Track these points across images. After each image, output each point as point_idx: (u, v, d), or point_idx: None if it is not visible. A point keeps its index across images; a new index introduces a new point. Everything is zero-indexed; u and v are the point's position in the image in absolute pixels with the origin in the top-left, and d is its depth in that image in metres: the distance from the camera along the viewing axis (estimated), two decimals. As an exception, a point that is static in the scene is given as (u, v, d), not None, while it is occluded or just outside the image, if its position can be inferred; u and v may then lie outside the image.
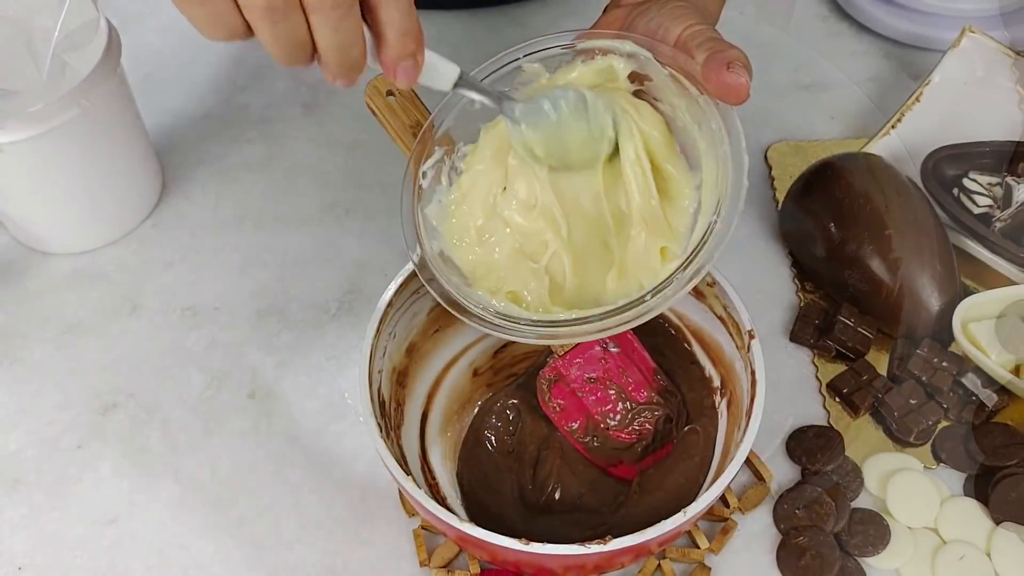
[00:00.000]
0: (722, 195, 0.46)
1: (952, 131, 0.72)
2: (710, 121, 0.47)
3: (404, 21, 0.41)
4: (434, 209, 0.51)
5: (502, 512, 0.57)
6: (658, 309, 0.46)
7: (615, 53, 0.50)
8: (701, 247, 0.46)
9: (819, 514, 0.57)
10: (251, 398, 0.64)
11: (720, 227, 0.46)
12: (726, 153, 0.46)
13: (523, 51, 0.51)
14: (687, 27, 0.48)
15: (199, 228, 0.74)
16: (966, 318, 0.62)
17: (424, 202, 0.51)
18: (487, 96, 0.47)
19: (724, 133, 0.46)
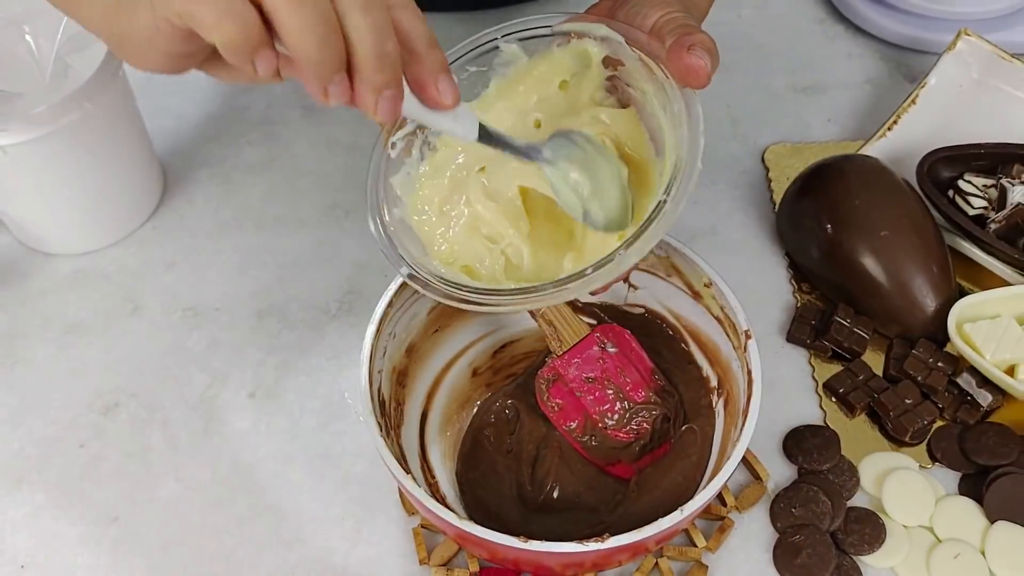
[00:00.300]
0: (675, 176, 0.46)
1: (948, 133, 0.73)
2: (673, 104, 0.47)
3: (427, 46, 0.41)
4: (400, 179, 0.51)
5: (501, 511, 0.57)
6: (596, 282, 0.46)
7: (590, 37, 0.50)
8: (648, 225, 0.46)
9: (815, 513, 0.57)
10: (252, 398, 0.65)
11: (669, 207, 0.45)
12: (683, 135, 0.46)
13: (502, 31, 0.51)
14: (664, 14, 0.49)
15: (200, 229, 0.74)
16: (961, 318, 0.62)
17: (392, 171, 0.51)
18: (512, 150, 0.47)
19: (684, 115, 0.46)
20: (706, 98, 0.84)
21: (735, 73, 0.83)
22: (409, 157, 0.52)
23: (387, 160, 0.51)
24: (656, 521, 0.48)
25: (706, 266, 0.57)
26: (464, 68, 0.52)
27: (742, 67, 0.84)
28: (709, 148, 0.77)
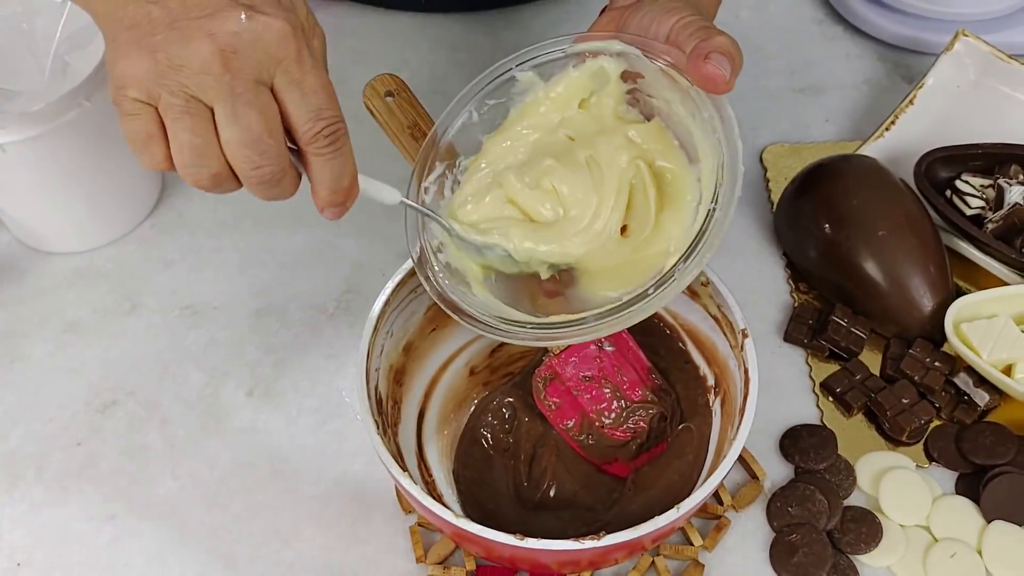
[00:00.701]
0: (719, 182, 0.46)
1: (945, 133, 0.73)
2: (703, 111, 0.47)
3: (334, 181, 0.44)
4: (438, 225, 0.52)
5: (498, 509, 0.57)
6: (662, 302, 0.47)
7: (605, 54, 0.50)
8: (702, 236, 0.46)
9: (812, 512, 0.58)
10: (249, 396, 0.65)
11: (719, 214, 0.46)
12: (720, 140, 0.47)
13: (515, 61, 0.52)
14: (678, 19, 0.49)
15: (198, 228, 0.74)
16: (958, 318, 0.62)
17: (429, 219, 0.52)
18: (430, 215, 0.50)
19: (717, 120, 0.47)
20: (704, 99, 0.84)
21: (733, 73, 0.83)
22: (442, 199, 0.53)
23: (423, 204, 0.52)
24: (652, 519, 0.48)
25: (704, 265, 0.57)
26: (483, 103, 0.53)
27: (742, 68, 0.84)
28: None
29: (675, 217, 0.50)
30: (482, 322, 0.50)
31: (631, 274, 0.50)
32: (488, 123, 0.52)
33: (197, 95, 0.41)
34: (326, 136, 0.43)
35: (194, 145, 0.41)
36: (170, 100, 0.41)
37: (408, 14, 0.88)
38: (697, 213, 0.48)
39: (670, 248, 0.49)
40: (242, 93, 0.41)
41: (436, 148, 0.53)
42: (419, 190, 0.52)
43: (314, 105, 0.42)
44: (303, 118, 0.42)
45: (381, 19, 0.88)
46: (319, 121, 0.42)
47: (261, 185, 0.43)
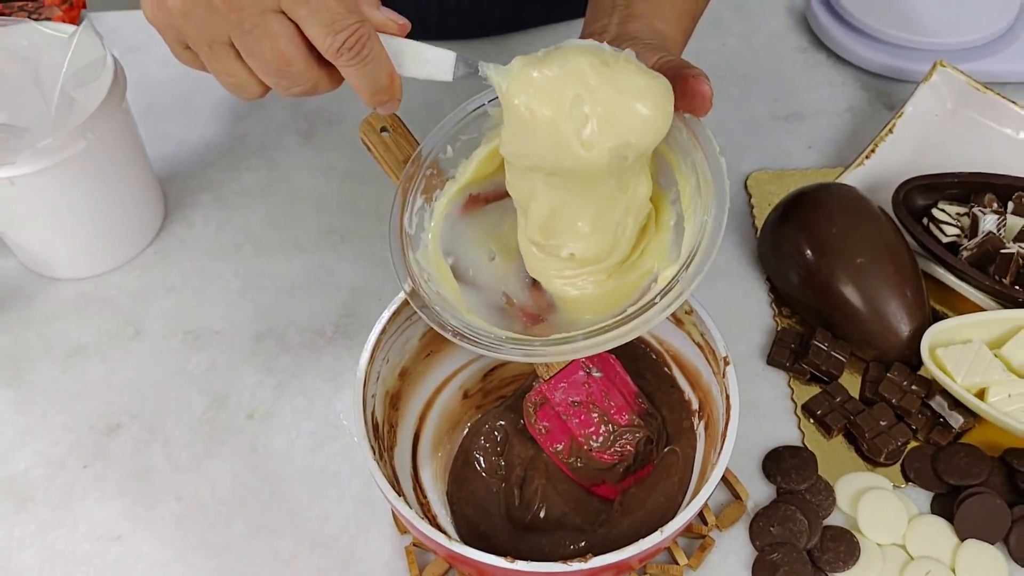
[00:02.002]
0: (707, 196, 0.48)
1: (923, 162, 0.76)
2: (677, 135, 0.49)
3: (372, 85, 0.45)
4: (423, 254, 0.53)
5: (490, 530, 0.59)
6: (668, 309, 0.47)
7: None
8: (698, 246, 0.48)
9: (793, 531, 0.60)
10: (250, 419, 0.67)
11: (712, 224, 0.47)
12: (701, 159, 0.48)
13: (488, 96, 0.53)
14: (660, 56, 0.51)
15: (200, 253, 0.76)
16: (934, 343, 0.65)
17: (414, 247, 0.53)
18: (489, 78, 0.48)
19: (695, 141, 0.49)
20: (691, 125, 0.86)
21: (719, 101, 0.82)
22: (423, 232, 0.54)
23: (407, 239, 0.53)
24: (638, 542, 0.50)
25: (687, 294, 0.59)
26: (456, 138, 0.54)
27: (726, 95, 0.86)
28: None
29: (655, 240, 0.52)
30: (480, 343, 0.50)
31: (613, 300, 0.52)
32: (460, 156, 0.54)
33: (215, 38, 0.42)
34: (349, 49, 0.43)
35: (231, 83, 0.44)
36: (197, 47, 0.43)
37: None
38: (680, 230, 0.50)
39: (653, 268, 0.51)
40: (251, 28, 0.42)
41: (415, 182, 0.54)
42: (402, 224, 0.53)
43: (326, 20, 0.42)
44: (320, 36, 0.42)
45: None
46: (337, 35, 0.42)
47: (303, 96, 0.45)
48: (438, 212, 0.54)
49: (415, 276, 0.52)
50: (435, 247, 0.54)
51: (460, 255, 0.54)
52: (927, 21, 0.86)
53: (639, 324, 0.48)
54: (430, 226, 0.54)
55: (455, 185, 0.54)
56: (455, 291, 0.53)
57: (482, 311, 0.53)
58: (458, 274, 0.54)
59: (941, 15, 0.86)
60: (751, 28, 0.92)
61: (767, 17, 0.93)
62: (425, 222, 0.54)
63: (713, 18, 0.92)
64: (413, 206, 0.54)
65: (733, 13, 0.93)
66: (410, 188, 0.54)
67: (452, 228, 0.54)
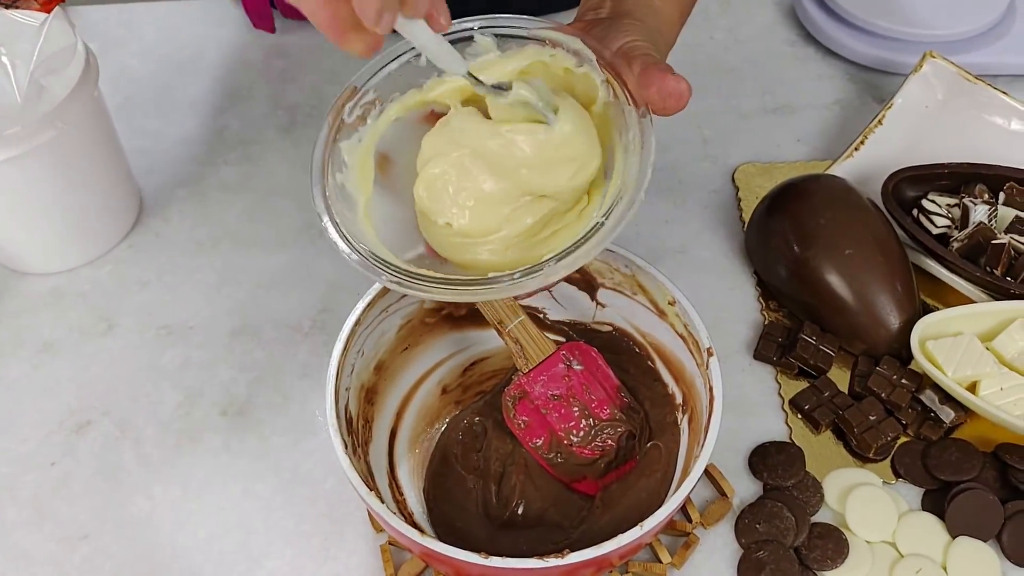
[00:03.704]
0: (617, 201, 0.46)
1: (913, 153, 0.74)
2: (630, 131, 0.48)
3: None
4: (350, 145, 0.51)
5: (467, 527, 0.58)
6: (519, 289, 0.46)
7: (563, 47, 0.50)
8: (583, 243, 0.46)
9: (779, 529, 0.58)
10: (223, 416, 0.65)
11: (605, 229, 0.46)
12: (633, 163, 0.47)
13: (480, 22, 0.51)
14: (629, 40, 0.50)
15: (175, 248, 0.75)
16: (923, 336, 0.63)
17: (343, 135, 0.50)
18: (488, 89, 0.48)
19: (639, 144, 0.47)
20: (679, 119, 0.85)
21: (707, 94, 0.85)
22: (363, 125, 0.51)
23: (340, 125, 0.51)
24: (615, 537, 0.48)
25: (670, 284, 0.58)
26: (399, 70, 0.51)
27: (714, 88, 0.85)
28: (680, 168, 0.80)
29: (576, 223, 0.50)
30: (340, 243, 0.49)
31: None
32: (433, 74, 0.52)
33: None
34: None
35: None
36: None
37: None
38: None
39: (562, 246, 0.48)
40: None
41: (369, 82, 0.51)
42: (342, 108, 0.51)
43: None
44: None
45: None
46: None
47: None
48: (389, 112, 0.51)
49: (326, 165, 0.50)
50: (369, 141, 0.51)
51: (396, 159, 0.52)
52: (917, 13, 0.85)
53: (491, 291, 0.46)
54: (374, 121, 0.51)
55: (419, 95, 0.51)
56: (365, 191, 0.51)
57: (388, 222, 0.51)
58: (385, 174, 0.51)
59: (931, 7, 0.85)
60: (739, 21, 0.91)
61: (755, 10, 0.92)
62: (370, 116, 0.51)
63: (701, 11, 0.91)
64: (361, 99, 0.51)
65: (720, 6, 0.92)
66: (361, 87, 0.51)
67: (402, 131, 0.52)
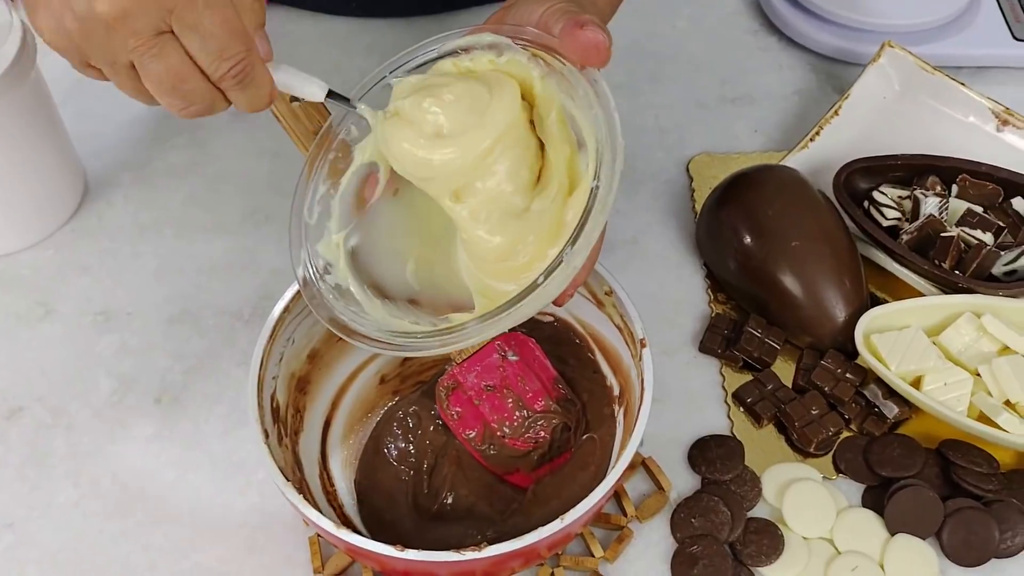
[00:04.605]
0: (600, 158, 0.45)
1: (869, 144, 0.73)
2: (578, 89, 0.46)
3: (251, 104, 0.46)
4: (325, 246, 0.51)
5: (396, 519, 0.57)
6: (553, 290, 0.46)
7: (476, 48, 0.49)
8: (587, 216, 0.45)
9: (714, 523, 0.57)
10: (157, 403, 0.64)
11: (602, 191, 0.45)
12: (597, 115, 0.46)
13: (390, 67, 0.51)
14: (547, 7, 0.48)
15: (118, 233, 0.73)
16: (869, 329, 0.62)
17: (313, 239, 0.51)
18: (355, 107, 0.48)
19: (593, 96, 0.46)
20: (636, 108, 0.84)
21: (666, 84, 0.83)
22: (329, 221, 0.51)
23: (306, 229, 0.51)
24: (534, 531, 0.47)
25: (607, 275, 0.57)
26: (361, 117, 0.51)
27: (674, 78, 0.84)
28: (634, 158, 0.79)
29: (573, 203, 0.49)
30: (375, 339, 0.49)
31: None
32: (364, 132, 0.51)
33: (114, 59, 0.43)
34: (233, 76, 0.44)
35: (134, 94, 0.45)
36: (100, 65, 0.44)
37: (343, 20, 0.88)
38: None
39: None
40: (144, 51, 0.43)
41: (317, 166, 0.52)
42: (303, 212, 0.51)
43: (214, 48, 0.43)
44: (206, 62, 0.43)
45: (317, 25, 0.88)
46: (223, 63, 0.43)
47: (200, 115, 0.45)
48: (340, 196, 0.51)
49: (308, 269, 0.50)
50: (338, 236, 0.51)
51: (363, 243, 0.52)
52: (880, 3, 0.83)
53: (524, 307, 0.45)
54: (334, 213, 0.51)
55: (357, 162, 0.52)
56: (354, 282, 0.51)
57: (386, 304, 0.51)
58: (359, 262, 0.51)
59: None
60: (702, 10, 0.89)
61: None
62: (331, 209, 0.51)
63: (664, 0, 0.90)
64: (315, 193, 0.51)
65: (684, -6, 0.91)
66: (312, 173, 0.51)
67: (354, 212, 0.52)
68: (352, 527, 0.57)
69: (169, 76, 0.43)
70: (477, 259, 0.49)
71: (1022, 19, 0.84)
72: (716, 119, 0.81)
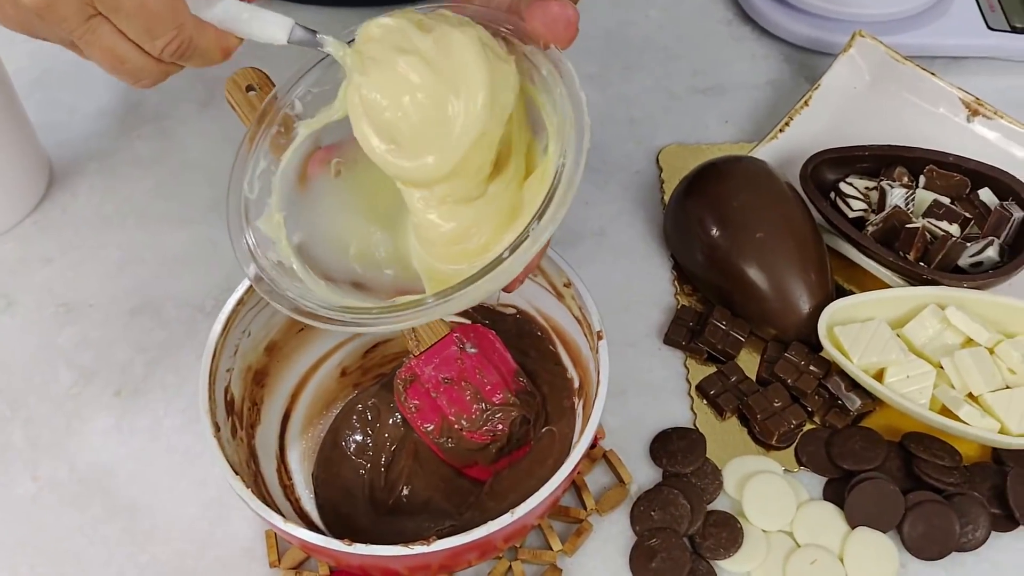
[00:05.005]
0: (566, 139, 0.44)
1: (839, 135, 0.73)
2: (541, 69, 0.45)
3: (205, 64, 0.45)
4: (266, 221, 0.49)
5: (352, 513, 0.56)
6: (516, 267, 0.44)
7: None
8: (553, 192, 0.44)
9: (674, 516, 0.57)
10: (117, 396, 0.64)
11: (569, 168, 0.43)
12: (562, 94, 0.44)
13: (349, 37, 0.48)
14: None
15: (82, 224, 0.73)
16: (832, 321, 0.62)
17: (254, 215, 0.49)
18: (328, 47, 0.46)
19: (556, 76, 0.45)
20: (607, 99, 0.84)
21: (638, 74, 0.83)
22: (270, 198, 0.50)
23: (246, 204, 0.50)
24: (484, 524, 0.47)
25: (566, 266, 0.56)
26: (309, 91, 0.50)
27: (646, 68, 0.83)
28: (604, 149, 0.78)
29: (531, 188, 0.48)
30: (323, 317, 0.47)
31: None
32: (310, 109, 0.50)
33: (62, 40, 0.43)
34: (170, 53, 0.43)
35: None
36: (57, 43, 0.43)
37: (311, 9, 0.87)
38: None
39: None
40: (80, 35, 0.42)
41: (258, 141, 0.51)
42: (242, 187, 0.50)
43: (142, 28, 0.42)
44: (140, 41, 0.42)
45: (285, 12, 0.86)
46: (155, 41, 0.42)
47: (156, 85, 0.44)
48: (281, 173, 0.50)
49: (253, 248, 0.48)
50: (279, 214, 0.50)
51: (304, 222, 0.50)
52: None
53: (484, 283, 0.44)
54: (275, 189, 0.50)
55: (300, 137, 0.50)
56: (297, 261, 0.49)
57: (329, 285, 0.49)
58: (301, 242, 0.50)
59: (868, -15, 0.83)
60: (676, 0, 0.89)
61: (693, -12, 0.90)
62: (270, 184, 0.50)
63: (639, -12, 0.89)
64: (256, 168, 0.50)
65: (658, -16, 0.90)
66: (253, 147, 0.50)
67: (295, 190, 0.51)
68: (309, 521, 0.56)
69: (108, 57, 0.43)
70: (427, 243, 0.48)
71: (996, 8, 0.83)
72: (688, 109, 0.80)
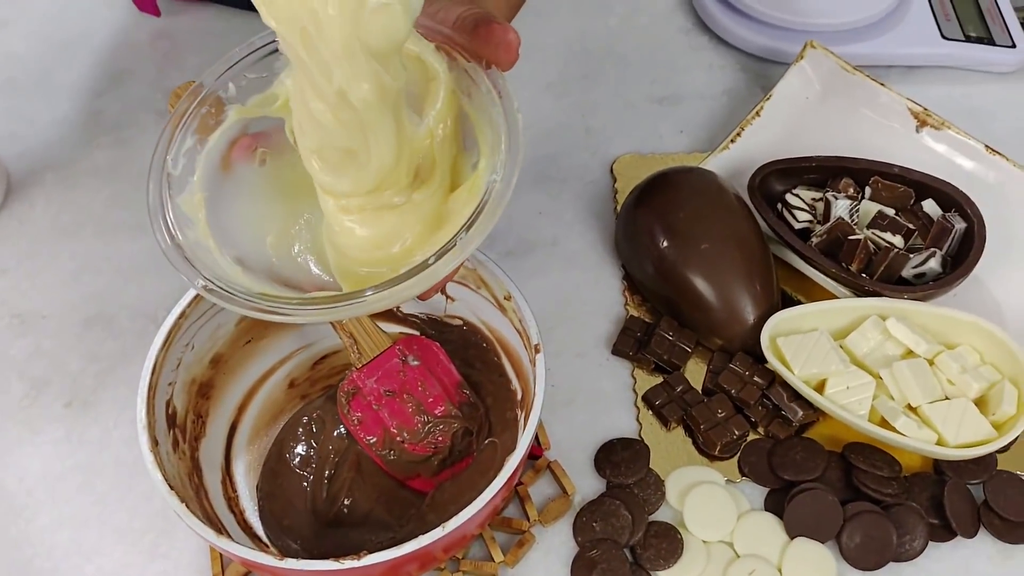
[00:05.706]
0: (499, 156, 0.44)
1: (790, 146, 0.73)
2: (479, 86, 0.46)
3: None
4: (187, 199, 0.48)
5: (294, 525, 0.57)
6: (441, 272, 0.44)
7: None
8: (483, 206, 0.44)
9: (615, 527, 0.57)
10: (67, 407, 0.64)
11: (500, 186, 0.44)
12: (499, 113, 0.45)
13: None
14: (465, 9, 0.48)
15: (38, 234, 0.73)
16: (775, 332, 0.62)
17: (175, 190, 0.48)
18: None
19: (495, 94, 0.45)
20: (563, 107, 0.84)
21: (595, 83, 0.83)
22: (192, 176, 0.49)
23: (168, 179, 0.49)
24: (416, 539, 0.47)
25: (505, 279, 0.57)
26: (242, 75, 0.50)
27: (603, 77, 0.84)
28: (560, 158, 0.78)
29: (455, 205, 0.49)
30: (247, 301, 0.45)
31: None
32: (243, 95, 0.49)
33: None
34: None
35: None
36: None
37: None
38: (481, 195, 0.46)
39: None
40: None
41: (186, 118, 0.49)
42: (165, 160, 0.48)
43: None
44: None
45: (248, 23, 0.87)
46: None
47: None
48: (207, 153, 0.49)
49: (172, 223, 0.47)
50: (200, 194, 0.49)
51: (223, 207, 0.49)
52: (808, 2, 0.83)
53: (407, 286, 0.44)
54: (199, 169, 0.49)
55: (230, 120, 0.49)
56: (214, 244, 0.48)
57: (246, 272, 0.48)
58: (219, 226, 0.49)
59: (823, -5, 0.84)
60: (634, 8, 0.89)
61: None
62: (194, 163, 0.49)
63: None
64: (182, 145, 0.48)
65: (619, -8, 0.91)
66: (180, 124, 0.49)
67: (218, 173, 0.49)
68: (252, 533, 0.57)
69: None
70: (342, 247, 0.47)
71: (952, 18, 0.84)
72: (643, 119, 0.81)
